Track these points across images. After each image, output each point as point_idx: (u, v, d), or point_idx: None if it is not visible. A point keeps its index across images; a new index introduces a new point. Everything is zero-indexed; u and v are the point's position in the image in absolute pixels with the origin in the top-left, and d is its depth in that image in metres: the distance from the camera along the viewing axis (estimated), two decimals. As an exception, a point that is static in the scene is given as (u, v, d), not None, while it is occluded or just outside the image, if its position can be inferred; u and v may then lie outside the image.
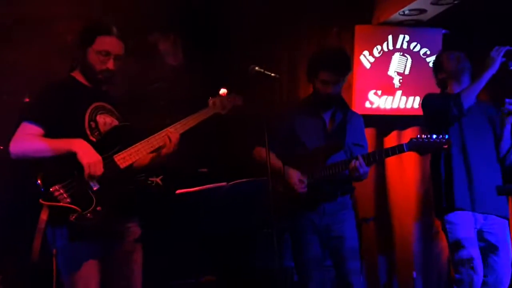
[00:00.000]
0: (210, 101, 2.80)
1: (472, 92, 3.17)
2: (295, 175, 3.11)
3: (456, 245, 3.19)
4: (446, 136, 3.00)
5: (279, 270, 2.53)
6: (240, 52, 4.15)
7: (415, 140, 3.05)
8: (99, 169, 2.37)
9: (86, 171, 2.35)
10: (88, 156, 2.37)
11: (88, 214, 2.32)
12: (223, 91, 2.84)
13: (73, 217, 2.30)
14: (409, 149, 3.06)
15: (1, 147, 3.41)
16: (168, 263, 3.47)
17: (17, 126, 2.45)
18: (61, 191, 2.32)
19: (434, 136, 3.02)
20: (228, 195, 2.54)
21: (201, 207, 2.66)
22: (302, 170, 3.17)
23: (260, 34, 4.29)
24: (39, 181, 2.31)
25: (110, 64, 2.53)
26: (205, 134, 3.79)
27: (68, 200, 2.32)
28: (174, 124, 2.64)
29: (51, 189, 2.31)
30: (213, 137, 3.96)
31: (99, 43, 2.51)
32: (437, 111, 3.24)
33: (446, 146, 2.99)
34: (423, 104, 3.43)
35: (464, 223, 3.21)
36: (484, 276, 3.17)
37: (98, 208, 2.35)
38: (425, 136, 3.04)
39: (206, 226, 2.90)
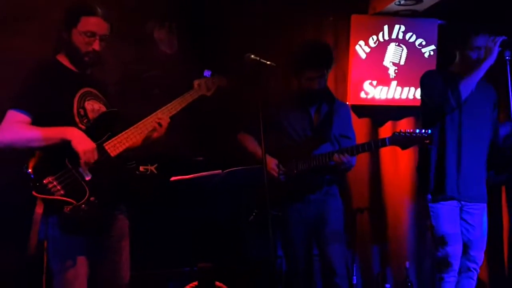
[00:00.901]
0: (195, 83, 2.79)
1: (471, 82, 3.17)
2: (271, 162, 3.13)
3: (440, 241, 3.25)
4: (429, 131, 3.02)
5: (273, 258, 2.53)
6: (235, 40, 4.13)
7: (397, 134, 3.08)
8: (94, 157, 2.33)
9: (82, 158, 2.30)
10: (83, 143, 2.31)
11: (83, 205, 2.29)
12: (207, 72, 2.82)
13: (68, 209, 2.26)
14: (391, 143, 3.10)
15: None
16: (163, 251, 3.47)
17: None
18: (55, 183, 2.28)
19: (417, 131, 3.04)
20: (223, 182, 2.55)
21: (196, 194, 2.66)
22: (288, 162, 3.19)
23: (255, 24, 4.27)
24: (31, 172, 2.26)
25: (96, 45, 2.45)
26: (201, 121, 3.80)
27: (62, 192, 2.28)
28: (162, 109, 2.61)
29: (44, 181, 2.26)
30: (209, 125, 3.96)
31: (84, 24, 2.43)
32: (435, 100, 3.24)
33: (427, 141, 3.02)
34: (422, 84, 3.39)
35: (452, 213, 3.27)
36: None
37: (92, 199, 2.31)
38: (407, 131, 3.05)
39: (200, 214, 2.91)
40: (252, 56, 2.75)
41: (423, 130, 3.05)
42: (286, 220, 3.24)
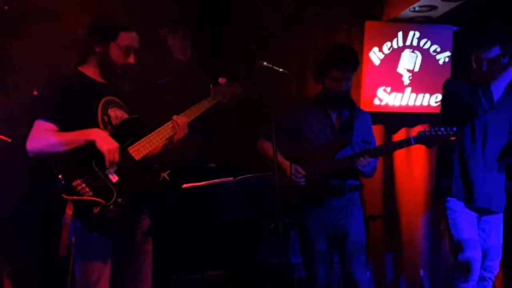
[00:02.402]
0: (212, 90, 2.83)
1: (502, 84, 3.14)
2: (292, 167, 3.12)
3: (461, 244, 3.21)
4: (455, 129, 3.00)
5: (285, 266, 2.52)
6: (249, 48, 4.14)
7: (422, 133, 3.06)
8: (117, 156, 2.42)
9: (107, 157, 2.39)
10: (107, 143, 2.41)
11: (111, 206, 2.36)
12: (222, 80, 2.86)
13: (97, 209, 2.35)
14: (417, 142, 3.07)
15: (9, 140, 3.43)
16: (174, 258, 3.47)
17: (30, 122, 2.47)
18: (83, 185, 2.36)
19: (442, 129, 3.02)
20: (235, 190, 2.55)
21: (207, 202, 2.66)
22: (309, 166, 3.17)
23: (269, 30, 4.28)
24: (60, 177, 2.35)
25: (132, 59, 2.57)
26: (214, 129, 3.81)
27: (91, 193, 2.36)
28: (180, 115, 2.69)
29: (73, 184, 2.35)
30: (221, 132, 3.96)
31: (123, 39, 2.54)
32: (464, 103, 3.19)
33: (453, 138, 3.00)
34: (446, 91, 3.35)
35: (470, 220, 3.24)
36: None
37: (119, 200, 2.39)
38: (433, 129, 3.03)
39: (212, 221, 2.91)
40: (265, 63, 2.75)
41: (449, 128, 3.02)
42: (307, 229, 3.21)
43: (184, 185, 2.48)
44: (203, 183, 2.49)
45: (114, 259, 2.49)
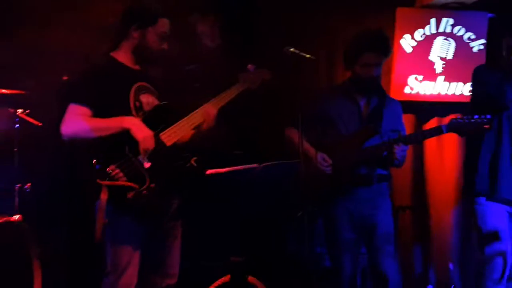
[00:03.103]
0: (240, 76, 2.83)
1: None
2: (317, 155, 3.08)
3: (490, 237, 3.12)
4: (489, 116, 2.91)
5: (309, 255, 2.50)
6: (277, 34, 4.10)
7: (454, 120, 2.98)
8: (151, 144, 2.44)
9: (142, 145, 2.42)
10: (142, 131, 2.44)
11: (144, 191, 2.39)
12: (251, 66, 2.86)
13: (131, 194, 2.38)
14: (449, 131, 2.99)
15: (40, 124, 3.50)
16: (200, 244, 3.48)
17: (60, 107, 2.52)
18: (117, 170, 2.40)
19: (476, 116, 2.93)
20: (259, 177, 2.53)
21: (232, 188, 2.66)
22: (336, 155, 3.13)
23: (297, 16, 4.23)
24: (95, 162, 2.39)
25: (166, 45, 2.62)
26: (241, 115, 3.80)
27: (125, 178, 2.40)
28: (210, 101, 2.70)
29: (108, 169, 2.38)
30: (249, 118, 3.95)
31: (161, 25, 2.59)
32: (491, 94, 3.11)
33: (487, 126, 2.91)
34: (476, 79, 3.25)
35: (499, 213, 3.14)
36: None
37: (152, 185, 2.41)
38: (465, 117, 2.95)
39: (236, 209, 2.90)
40: (292, 49, 2.73)
41: (482, 116, 2.93)
42: (334, 219, 3.17)
43: (209, 171, 2.48)
44: (228, 169, 2.49)
45: (144, 243, 2.52)
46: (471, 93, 3.35)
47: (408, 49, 4.39)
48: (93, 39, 3.50)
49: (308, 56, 2.72)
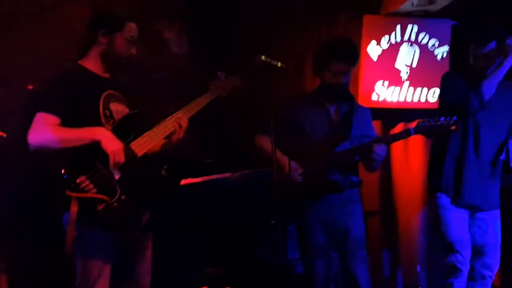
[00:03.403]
0: (211, 84, 2.81)
1: (494, 82, 3.12)
2: (291, 164, 3.09)
3: (448, 248, 3.21)
4: (454, 118, 2.97)
5: (284, 262, 2.50)
6: (246, 41, 4.11)
7: (422, 123, 3.04)
8: (122, 157, 2.39)
9: (111, 159, 2.37)
10: (112, 144, 2.39)
11: (115, 203, 2.35)
12: (221, 74, 2.85)
13: (101, 206, 2.33)
14: (416, 132, 3.05)
15: (4, 135, 3.40)
16: (173, 253, 3.45)
17: (25, 116, 2.45)
18: (87, 182, 2.34)
19: (442, 118, 3.00)
20: (233, 185, 2.52)
21: (206, 197, 2.64)
22: (307, 161, 3.15)
23: (266, 24, 4.25)
24: (64, 172, 2.33)
25: (134, 50, 2.57)
26: (211, 123, 3.78)
27: (95, 190, 2.34)
28: (181, 110, 2.66)
29: (77, 181, 2.32)
30: (218, 126, 3.93)
31: (129, 29, 2.54)
32: (456, 101, 3.18)
33: (454, 128, 2.98)
34: (443, 85, 3.33)
35: (462, 220, 3.22)
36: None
37: (123, 197, 2.37)
38: (432, 119, 3.01)
39: (210, 217, 2.88)
40: (263, 57, 2.73)
41: (448, 117, 3.00)
42: (306, 225, 3.19)
43: (183, 181, 2.46)
44: (202, 178, 2.47)
45: (114, 255, 2.48)
46: (439, 99, 3.42)
47: (375, 56, 4.46)
48: (61, 44, 3.44)
49: (279, 64, 2.72)
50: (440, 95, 3.38)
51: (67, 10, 3.69)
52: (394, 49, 4.49)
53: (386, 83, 4.50)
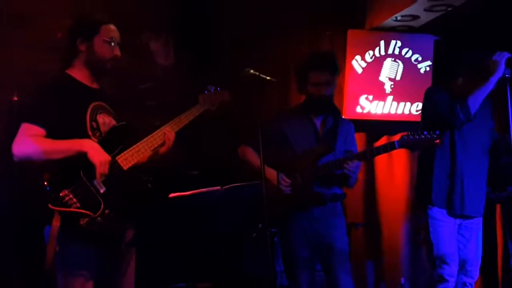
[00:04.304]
0: (200, 97, 2.79)
1: (480, 97, 3.17)
2: (275, 175, 3.10)
3: (440, 261, 3.25)
4: (437, 132, 3.01)
5: (272, 275, 2.50)
6: (231, 55, 4.12)
7: (406, 137, 3.06)
8: (107, 169, 2.36)
9: (98, 170, 2.33)
10: (99, 155, 2.35)
11: (98, 218, 2.31)
12: (210, 87, 2.84)
13: (84, 221, 2.28)
14: (400, 146, 3.07)
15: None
16: (160, 268, 3.42)
17: (9, 128, 2.40)
18: (71, 195, 2.30)
19: (425, 132, 3.03)
20: (221, 199, 2.52)
21: (194, 211, 2.63)
22: (292, 173, 3.16)
23: (252, 37, 4.27)
24: (46, 185, 2.28)
25: (117, 51, 2.53)
26: (196, 136, 3.78)
27: (78, 204, 2.30)
28: (169, 123, 2.63)
29: (61, 194, 2.29)
30: (204, 139, 3.93)
31: (105, 31, 2.50)
32: (442, 114, 3.22)
33: (437, 141, 3.01)
34: (429, 99, 3.36)
35: (449, 224, 3.26)
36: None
37: (107, 211, 2.33)
38: (416, 133, 3.04)
39: (198, 231, 2.87)
40: (252, 71, 2.73)
41: (431, 132, 3.03)
42: (289, 238, 3.20)
43: (171, 195, 2.45)
44: (190, 192, 2.46)
45: (97, 270, 2.42)
46: (421, 113, 3.47)
47: (359, 70, 4.52)
48: (45, 55, 3.41)
49: (268, 78, 2.73)
50: (424, 109, 3.42)
51: (49, 20, 3.66)
52: (378, 63, 4.55)
53: (371, 97, 4.56)
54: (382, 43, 4.54)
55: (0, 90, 3.53)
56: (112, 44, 2.51)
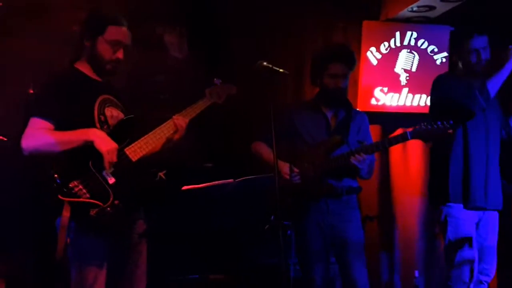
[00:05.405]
0: (207, 91, 2.81)
1: (499, 81, 3.10)
2: (284, 166, 3.10)
3: (459, 243, 3.14)
4: (451, 121, 2.95)
5: (285, 267, 2.50)
6: (245, 47, 4.11)
7: (418, 127, 3.01)
8: (116, 156, 2.38)
9: (106, 158, 2.35)
10: (106, 143, 2.37)
11: (108, 208, 2.33)
12: (217, 80, 2.85)
13: (94, 211, 2.31)
14: (413, 137, 3.03)
15: (5, 139, 3.39)
16: (173, 259, 3.44)
17: (25, 121, 2.42)
18: (80, 186, 2.32)
19: (439, 122, 2.98)
20: (235, 191, 2.52)
21: (207, 203, 2.64)
22: (305, 165, 3.15)
23: (266, 30, 4.26)
24: (56, 177, 2.30)
25: (120, 54, 2.52)
26: (210, 128, 3.79)
27: (88, 195, 2.32)
28: (177, 115, 2.65)
29: (70, 185, 2.31)
30: (218, 132, 3.94)
31: (111, 33, 2.49)
32: (459, 101, 3.12)
33: (451, 131, 2.96)
34: (437, 88, 3.27)
35: (469, 220, 3.16)
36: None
37: (116, 202, 2.35)
38: (429, 123, 2.99)
39: (211, 223, 2.89)
40: (265, 63, 2.73)
41: (445, 121, 2.97)
42: (304, 231, 3.19)
43: (184, 187, 2.45)
44: (203, 185, 2.46)
45: (109, 261, 2.45)
46: (431, 103, 3.39)
47: (374, 62, 4.48)
48: (57, 49, 3.42)
49: (281, 70, 2.72)
50: (436, 99, 3.31)
51: (64, 14, 3.68)
52: (393, 54, 4.51)
53: (386, 89, 4.52)
54: (397, 34, 4.50)
55: (15, 83, 3.57)
56: (116, 46, 2.49)
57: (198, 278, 3.29)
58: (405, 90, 4.56)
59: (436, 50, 4.55)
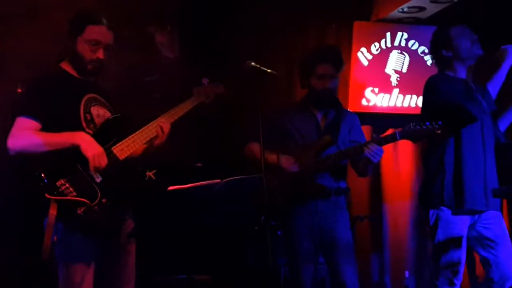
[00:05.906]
0: (194, 90, 2.81)
1: (498, 82, 3.08)
2: (281, 157, 3.09)
3: (449, 243, 3.05)
4: (440, 122, 2.92)
5: (273, 267, 2.50)
6: (237, 48, 4.12)
7: (407, 127, 3.01)
8: (103, 161, 2.38)
9: (91, 163, 2.35)
10: (91, 148, 2.37)
11: (95, 207, 2.33)
12: (205, 80, 2.86)
13: (81, 210, 2.31)
14: (402, 137, 3.02)
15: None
16: (160, 259, 3.44)
17: (11, 120, 2.41)
18: (67, 185, 2.32)
19: (427, 123, 2.98)
20: (222, 192, 2.52)
21: (194, 203, 2.64)
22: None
23: (258, 29, 4.26)
24: (43, 176, 2.30)
25: (100, 54, 2.50)
26: (200, 128, 3.79)
27: (75, 193, 2.32)
28: (163, 115, 2.65)
29: (57, 184, 2.30)
30: (208, 132, 3.94)
31: (89, 32, 2.48)
32: (458, 106, 2.99)
33: (439, 132, 2.93)
34: (433, 92, 3.12)
35: (461, 222, 3.06)
36: (488, 273, 3.06)
37: (104, 200, 2.35)
38: (417, 124, 2.99)
39: (198, 223, 2.89)
40: (253, 63, 2.72)
41: (433, 122, 2.94)
42: (292, 230, 3.19)
43: (170, 187, 2.45)
44: (190, 185, 2.47)
45: (97, 260, 2.45)
46: (423, 105, 3.35)
47: (365, 62, 4.49)
48: (50, 48, 3.42)
49: (269, 70, 2.73)
50: (429, 100, 3.16)
51: (55, 14, 3.67)
52: (384, 55, 4.52)
53: (376, 89, 4.53)
54: (388, 35, 4.51)
55: (10, 82, 3.55)
56: (95, 46, 2.49)
57: (186, 278, 3.28)
58: (396, 90, 4.58)
59: (426, 51, 4.56)
